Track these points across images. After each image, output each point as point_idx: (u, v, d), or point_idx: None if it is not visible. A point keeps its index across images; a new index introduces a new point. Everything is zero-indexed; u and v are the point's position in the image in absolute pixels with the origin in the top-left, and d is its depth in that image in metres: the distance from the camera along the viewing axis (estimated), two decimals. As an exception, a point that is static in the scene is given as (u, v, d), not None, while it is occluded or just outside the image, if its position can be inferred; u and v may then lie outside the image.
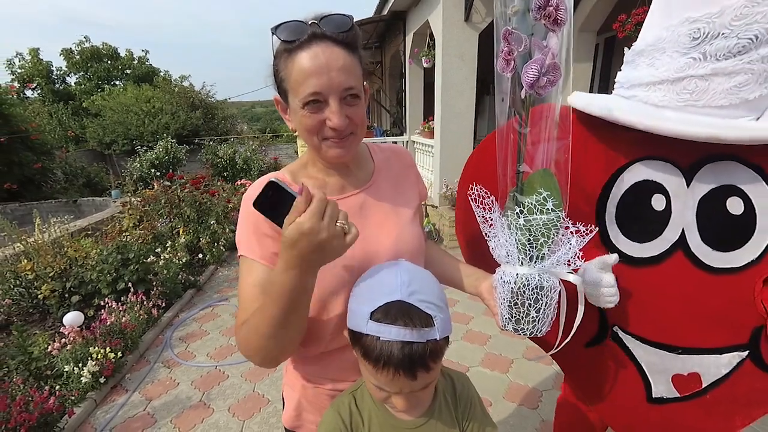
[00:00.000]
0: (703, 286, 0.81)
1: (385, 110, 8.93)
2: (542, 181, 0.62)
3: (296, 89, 0.64)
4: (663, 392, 0.91)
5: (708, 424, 0.91)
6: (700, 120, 0.71)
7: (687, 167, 0.78)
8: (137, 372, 2.49)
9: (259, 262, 0.69)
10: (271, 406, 2.13)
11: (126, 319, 2.71)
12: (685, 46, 0.70)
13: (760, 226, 0.75)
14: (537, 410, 1.98)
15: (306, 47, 0.62)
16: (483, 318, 2.87)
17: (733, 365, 0.83)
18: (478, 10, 4.19)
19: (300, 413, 0.83)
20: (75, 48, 17.38)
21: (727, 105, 0.68)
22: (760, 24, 0.62)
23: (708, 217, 0.78)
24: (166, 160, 9.43)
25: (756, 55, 0.64)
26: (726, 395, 0.86)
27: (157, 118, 12.65)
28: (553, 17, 0.56)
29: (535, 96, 0.60)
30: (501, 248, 0.66)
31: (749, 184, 0.74)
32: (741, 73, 0.66)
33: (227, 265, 4.30)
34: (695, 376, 0.87)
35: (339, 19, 0.64)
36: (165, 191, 4.74)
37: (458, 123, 4.57)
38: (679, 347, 0.85)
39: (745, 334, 0.81)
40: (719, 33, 0.66)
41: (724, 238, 0.78)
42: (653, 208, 0.82)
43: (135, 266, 3.12)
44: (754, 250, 0.76)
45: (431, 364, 0.57)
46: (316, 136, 0.68)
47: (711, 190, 0.77)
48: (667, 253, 0.82)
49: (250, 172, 9.00)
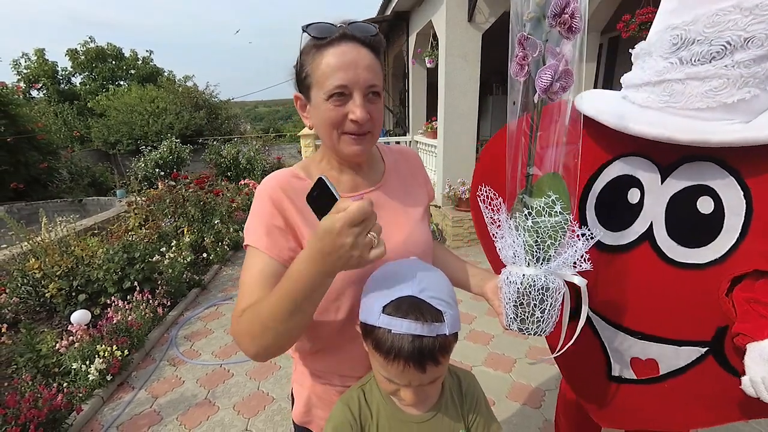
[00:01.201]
0: (666, 278, 0.84)
1: (388, 110, 8.94)
2: (551, 184, 0.63)
3: (323, 82, 0.67)
4: (621, 372, 0.97)
5: (665, 412, 0.94)
6: (681, 123, 0.74)
7: (666, 165, 0.81)
8: (143, 370, 2.52)
9: (264, 253, 0.69)
10: (276, 404, 2.15)
11: (132, 317, 2.74)
12: (667, 51, 0.74)
13: (727, 227, 0.76)
14: (540, 410, 1.98)
15: (336, 44, 0.66)
16: (486, 318, 2.88)
17: (692, 359, 0.86)
18: (481, 11, 4.20)
19: (310, 409, 0.85)
20: (80, 48, 17.51)
21: (705, 108, 0.71)
22: (732, 31, 0.65)
23: (677, 213, 0.81)
24: (170, 160, 9.48)
25: (730, 60, 0.67)
26: (684, 388, 0.88)
27: (161, 118, 12.72)
28: (568, 24, 0.56)
29: (547, 101, 0.61)
30: (508, 249, 0.67)
31: (723, 186, 0.76)
32: (715, 78, 0.69)
33: (231, 265, 4.33)
34: (652, 362, 0.90)
35: (366, 26, 0.70)
36: (170, 191, 4.78)
37: (461, 123, 4.57)
38: (639, 332, 0.90)
39: (708, 331, 0.82)
40: (694, 39, 0.69)
41: (690, 235, 0.81)
42: (628, 201, 0.86)
43: (140, 265, 3.15)
44: (719, 250, 0.78)
45: (440, 358, 0.59)
46: (336, 130, 0.70)
47: (684, 188, 0.80)
48: (634, 243, 0.87)
49: (254, 172, 9.03)
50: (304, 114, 0.74)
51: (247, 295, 0.67)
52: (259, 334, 0.61)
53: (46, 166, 8.78)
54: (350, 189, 0.77)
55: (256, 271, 0.69)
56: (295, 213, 0.71)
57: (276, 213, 0.71)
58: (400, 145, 0.96)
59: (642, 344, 0.91)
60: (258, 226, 0.71)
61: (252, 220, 0.73)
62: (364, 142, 0.71)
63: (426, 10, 4.93)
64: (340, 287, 0.72)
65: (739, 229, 0.75)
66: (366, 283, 0.68)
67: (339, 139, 0.70)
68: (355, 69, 0.65)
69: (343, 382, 0.79)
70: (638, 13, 3.47)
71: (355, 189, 0.77)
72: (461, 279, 0.87)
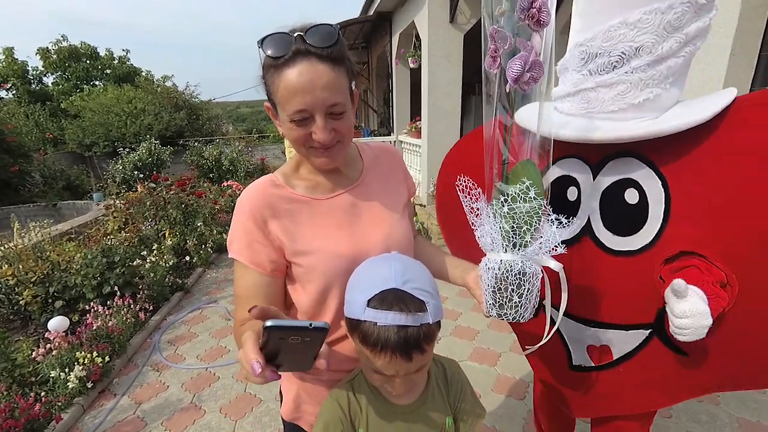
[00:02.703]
0: (606, 267, 0.90)
1: (373, 110, 8.96)
2: (525, 171, 0.66)
3: (283, 105, 0.66)
4: (580, 360, 1.03)
5: (624, 394, 1.00)
6: (599, 124, 0.83)
7: (595, 163, 0.89)
8: (125, 376, 2.46)
9: (250, 267, 0.72)
10: (264, 405, 2.14)
11: (113, 323, 2.67)
12: (578, 65, 0.83)
13: (652, 214, 0.84)
14: (524, 401, 2.04)
15: (291, 64, 0.63)
16: (471, 314, 2.92)
17: (639, 341, 0.92)
18: (462, 12, 4.26)
19: (299, 405, 0.86)
20: (52, 47, 16.86)
21: (618, 110, 0.80)
22: (624, 43, 0.75)
23: (609, 206, 0.88)
24: (149, 162, 9.24)
25: (628, 67, 0.76)
26: (637, 369, 0.95)
27: (139, 119, 12.37)
28: (536, 18, 0.60)
29: (519, 91, 0.64)
30: (486, 236, 0.70)
31: (644, 177, 0.83)
32: (620, 84, 0.78)
33: (215, 267, 4.27)
34: (606, 348, 0.97)
35: (324, 31, 0.65)
36: (150, 193, 4.66)
37: (445, 123, 4.63)
38: (591, 321, 0.96)
39: (650, 314, 0.88)
40: (597, 53, 0.79)
41: (623, 225, 0.88)
42: (568, 199, 0.94)
43: (121, 269, 3.07)
44: (648, 235, 0.85)
45: (425, 346, 0.61)
46: (303, 147, 0.71)
47: (613, 182, 0.87)
48: (577, 237, 0.94)
49: (237, 173, 8.89)
50: (276, 122, 0.75)
51: (240, 307, 0.72)
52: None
53: (17, 170, 8.42)
54: (329, 190, 0.78)
55: (245, 283, 0.73)
56: (275, 224, 0.73)
57: (255, 227, 0.72)
58: (379, 141, 0.97)
59: (595, 332, 0.97)
60: (240, 240, 0.73)
61: (233, 232, 0.74)
62: (332, 154, 0.72)
63: (408, 11, 4.97)
64: (324, 286, 0.73)
65: (662, 215, 0.83)
66: (349, 280, 0.69)
67: (308, 152, 0.72)
68: (312, 91, 0.63)
69: (332, 377, 0.81)
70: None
71: (333, 190, 0.79)
72: (443, 271, 0.89)
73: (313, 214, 0.76)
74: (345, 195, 0.79)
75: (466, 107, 6.57)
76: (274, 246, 0.73)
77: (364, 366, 0.67)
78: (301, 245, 0.73)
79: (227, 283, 3.84)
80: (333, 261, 0.73)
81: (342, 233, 0.76)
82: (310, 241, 0.73)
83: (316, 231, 0.75)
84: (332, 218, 0.76)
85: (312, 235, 0.74)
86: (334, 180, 0.79)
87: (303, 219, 0.75)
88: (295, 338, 0.45)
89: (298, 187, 0.77)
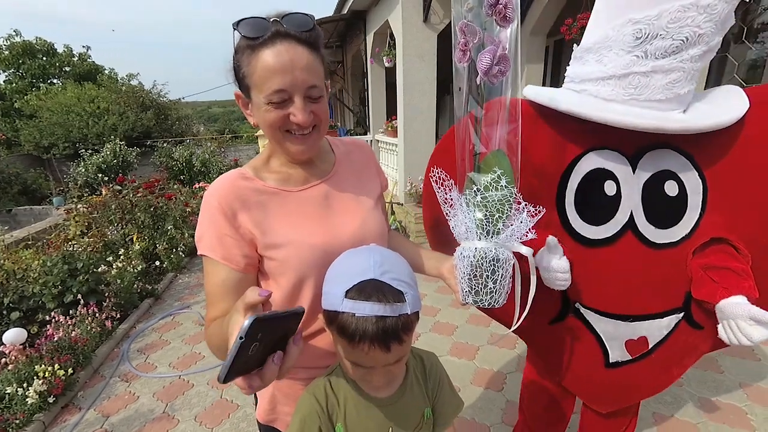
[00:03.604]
0: (648, 261, 0.91)
1: (348, 109, 8.92)
2: (496, 161, 0.68)
3: (260, 86, 0.64)
4: (618, 357, 1.01)
5: (652, 378, 1.03)
6: (644, 113, 0.79)
7: (631, 156, 0.87)
8: (91, 388, 2.33)
9: (220, 263, 0.69)
10: (241, 410, 2.08)
11: (76, 333, 2.52)
12: (630, 45, 0.77)
13: (691, 205, 0.86)
14: (502, 392, 2.08)
15: (270, 45, 0.63)
16: (450, 309, 2.96)
17: (672, 326, 0.95)
18: (436, 12, 4.31)
19: (274, 406, 0.84)
20: (3, 43, 15.80)
21: (664, 99, 0.77)
22: (690, 27, 0.71)
23: (650, 199, 0.88)
24: (114, 164, 8.83)
25: (687, 55, 0.73)
26: (667, 352, 0.98)
27: (102, 119, 11.80)
28: (502, 14, 0.62)
29: (488, 84, 0.65)
30: (460, 226, 0.70)
31: (682, 169, 0.85)
32: (675, 71, 0.74)
33: (187, 272, 4.12)
34: (643, 339, 0.97)
35: (301, 18, 0.65)
36: (115, 196, 4.45)
37: (421, 122, 4.67)
38: (630, 316, 0.96)
39: (680, 298, 0.92)
40: (657, 34, 0.73)
41: (664, 217, 0.88)
42: (606, 194, 0.90)
43: (84, 276, 2.91)
44: (687, 226, 0.87)
45: (403, 336, 0.60)
46: (279, 131, 0.69)
47: (652, 175, 0.86)
48: (619, 234, 0.91)
49: (209, 175, 8.64)
50: (247, 111, 0.73)
51: (213, 306, 0.71)
52: (218, 354, 0.67)
53: (-36, 174, 7.85)
54: (302, 182, 0.77)
55: (217, 280, 0.70)
56: (246, 217, 0.70)
57: (225, 222, 0.69)
58: (352, 137, 0.97)
59: (633, 326, 0.96)
60: (209, 236, 0.70)
61: (201, 228, 0.71)
62: (309, 141, 0.71)
63: (382, 10, 4.97)
64: (298, 279, 0.72)
65: (700, 205, 0.86)
66: (327, 272, 0.68)
67: (283, 138, 0.70)
68: (292, 71, 0.63)
69: (309, 374, 0.79)
70: (579, 17, 3.72)
71: (306, 182, 0.77)
72: (417, 263, 0.88)
73: (285, 206, 0.74)
74: (318, 186, 0.78)
75: (441, 106, 6.66)
76: (246, 240, 0.70)
77: (342, 359, 0.66)
78: (273, 238, 0.71)
79: (200, 287, 3.72)
80: (307, 252, 0.71)
81: (315, 224, 0.74)
82: (282, 233, 0.71)
83: (289, 223, 0.73)
84: (305, 210, 0.75)
85: (284, 227, 0.72)
86: (306, 172, 0.78)
87: (274, 211, 0.73)
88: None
89: (268, 179, 0.75)
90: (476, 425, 1.87)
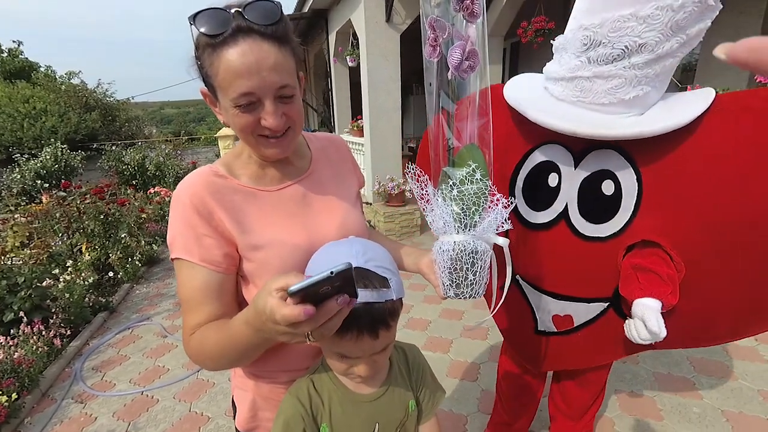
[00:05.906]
0: (577, 250, 0.99)
1: (313, 109, 8.78)
2: (470, 155, 0.69)
3: (225, 89, 0.60)
4: (545, 327, 1.15)
5: (579, 354, 1.16)
6: (587, 116, 0.84)
7: (578, 152, 0.93)
8: (40, 413, 2.12)
9: (199, 265, 0.65)
10: (213, 422, 1.99)
11: (19, 354, 2.29)
12: (578, 50, 0.82)
13: (624, 206, 0.91)
14: (477, 382, 2.14)
15: (232, 43, 0.57)
16: (422, 305, 3.00)
17: (598, 312, 1.05)
18: (398, 12, 4.35)
19: (255, 413, 0.80)
20: None
21: (608, 103, 0.82)
22: (630, 36, 0.75)
23: (586, 195, 0.95)
24: (56, 170, 8.11)
25: (627, 62, 0.77)
26: (594, 334, 1.09)
27: (39, 121, 10.82)
28: (470, 9, 0.63)
29: (459, 79, 0.67)
30: (438, 220, 0.71)
31: (621, 170, 0.89)
32: (615, 78, 0.79)
33: (145, 282, 3.87)
34: (569, 317, 1.09)
35: (266, 7, 0.58)
36: (60, 203, 4.09)
37: (386, 121, 4.69)
38: (559, 294, 1.06)
39: (609, 290, 1.01)
40: (600, 42, 0.78)
41: (596, 213, 0.95)
42: (549, 184, 0.98)
43: (26, 292, 2.64)
44: (617, 225, 0.94)
45: (390, 322, 0.61)
46: (251, 135, 0.65)
47: (592, 173, 0.93)
48: (554, 221, 1.00)
49: (165, 179, 8.15)
50: (215, 109, 0.68)
51: (193, 312, 0.66)
52: (209, 362, 0.65)
53: None
54: (277, 181, 0.74)
55: (197, 284, 0.65)
56: (222, 214, 0.66)
57: (201, 221, 0.65)
58: (325, 133, 0.95)
59: (561, 303, 1.07)
60: (185, 237, 0.65)
61: (175, 231, 0.66)
62: (284, 143, 0.67)
63: (344, 9, 4.95)
64: None
65: (632, 208, 0.90)
66: (308, 264, 0.67)
67: (257, 142, 0.66)
68: (259, 72, 0.57)
69: (291, 377, 0.76)
70: (534, 20, 3.91)
71: (281, 181, 0.74)
72: (396, 259, 0.88)
73: (263, 206, 0.71)
74: (295, 186, 0.75)
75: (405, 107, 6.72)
76: (225, 238, 0.67)
77: (327, 353, 0.64)
78: (252, 239, 0.68)
79: (161, 297, 3.51)
80: (288, 253, 0.69)
81: (295, 224, 0.72)
82: (262, 234, 0.68)
83: (268, 223, 0.70)
84: (283, 209, 0.72)
85: (264, 228, 0.69)
86: (282, 171, 0.75)
87: (251, 211, 0.69)
88: (325, 288, 0.46)
89: (243, 177, 0.71)
90: (453, 416, 1.91)
